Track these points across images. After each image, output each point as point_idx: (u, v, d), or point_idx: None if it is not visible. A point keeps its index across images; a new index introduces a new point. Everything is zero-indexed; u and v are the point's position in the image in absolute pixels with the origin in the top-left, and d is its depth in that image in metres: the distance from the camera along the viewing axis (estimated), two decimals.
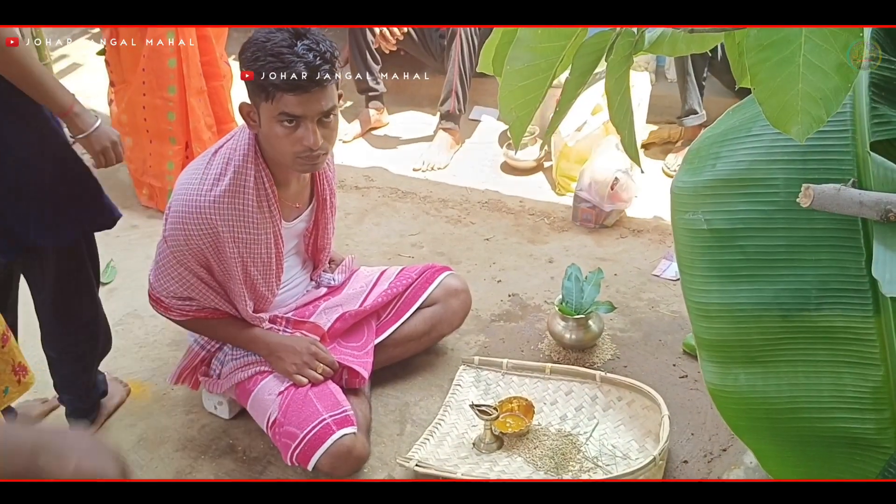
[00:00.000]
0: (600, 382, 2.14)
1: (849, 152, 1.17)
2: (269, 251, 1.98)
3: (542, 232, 2.98)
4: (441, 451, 2.03)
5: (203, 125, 2.92)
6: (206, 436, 2.14)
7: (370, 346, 2.17)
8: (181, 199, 1.88)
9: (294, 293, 2.20)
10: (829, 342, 1.22)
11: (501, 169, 3.41)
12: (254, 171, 1.89)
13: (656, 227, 2.96)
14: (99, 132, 1.83)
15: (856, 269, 1.18)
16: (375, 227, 3.04)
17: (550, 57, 0.90)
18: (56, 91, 1.74)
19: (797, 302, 1.22)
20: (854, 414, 1.24)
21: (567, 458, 1.98)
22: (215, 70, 2.93)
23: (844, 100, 0.84)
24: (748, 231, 1.25)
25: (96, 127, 1.82)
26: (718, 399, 1.34)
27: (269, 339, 2.05)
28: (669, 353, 2.35)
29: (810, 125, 0.84)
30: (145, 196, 3.13)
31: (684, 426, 2.09)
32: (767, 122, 1.10)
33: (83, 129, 1.80)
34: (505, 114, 0.97)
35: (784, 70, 0.82)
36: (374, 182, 3.34)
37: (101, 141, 1.84)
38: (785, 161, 1.21)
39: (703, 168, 1.29)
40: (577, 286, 2.31)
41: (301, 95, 1.74)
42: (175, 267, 1.92)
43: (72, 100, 1.77)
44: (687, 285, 1.33)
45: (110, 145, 1.86)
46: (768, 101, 0.84)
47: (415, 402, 2.22)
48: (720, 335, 1.30)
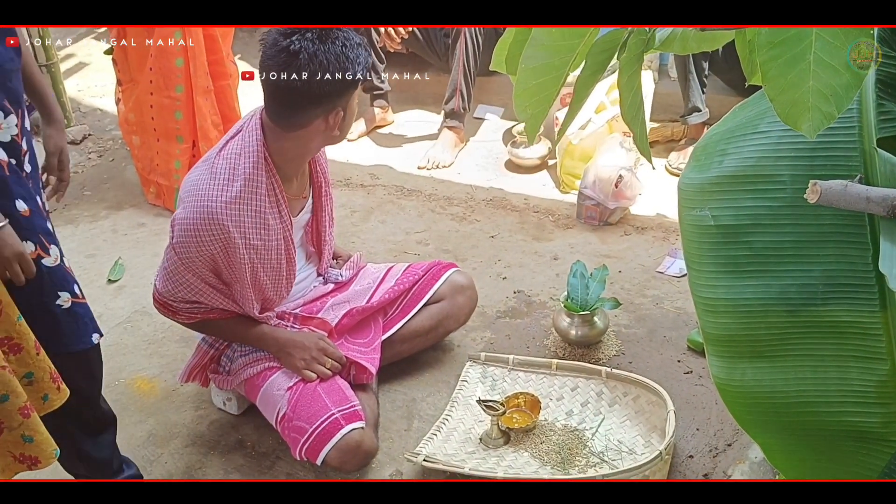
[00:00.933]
0: (606, 378, 2.16)
1: (855, 148, 1.18)
2: (279, 256, 1.98)
3: (546, 229, 2.99)
4: (448, 446, 2.04)
5: (210, 124, 2.94)
6: (216, 432, 2.16)
7: (377, 342, 2.18)
8: (191, 205, 1.86)
9: (301, 287, 2.21)
10: (836, 337, 1.23)
11: (506, 167, 3.42)
12: (265, 176, 1.89)
13: (660, 225, 2.97)
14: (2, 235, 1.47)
15: (862, 265, 1.19)
16: (381, 224, 3.06)
17: (564, 55, 0.91)
18: None
19: (804, 297, 1.23)
20: (860, 408, 1.25)
21: (573, 453, 1.99)
22: (222, 69, 2.94)
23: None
24: (755, 227, 1.26)
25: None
26: (725, 393, 1.35)
27: (277, 335, 2.07)
28: (674, 349, 2.37)
29: (821, 121, 0.85)
30: (152, 194, 3.14)
31: (689, 421, 2.10)
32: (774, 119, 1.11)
33: None
34: (520, 111, 0.98)
35: (795, 67, 0.83)
36: (380, 180, 3.35)
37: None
38: (792, 157, 1.22)
39: (710, 165, 1.30)
40: (583, 283, 2.33)
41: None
42: (183, 273, 1.92)
43: None
44: (694, 281, 1.34)
45: (12, 255, 1.49)
46: (779, 97, 0.85)
47: (422, 398, 2.24)
48: (727, 330, 1.31)
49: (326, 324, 2.14)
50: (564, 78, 0.95)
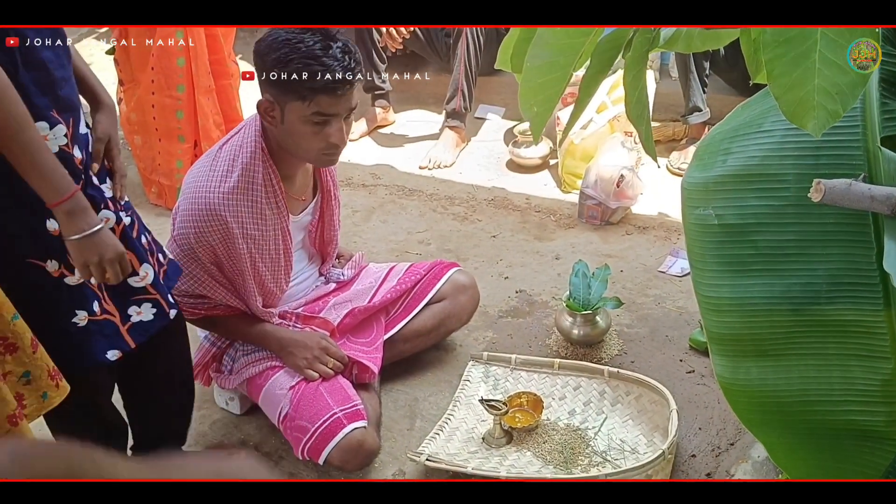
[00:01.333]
0: (608, 378, 2.16)
1: (859, 147, 1.18)
2: (277, 247, 2.00)
3: (548, 229, 2.99)
4: (451, 445, 2.04)
5: (212, 123, 2.94)
6: (218, 431, 2.16)
7: (380, 342, 2.18)
8: (190, 197, 1.90)
9: (302, 287, 2.21)
10: (840, 336, 1.23)
11: (507, 166, 3.42)
12: (262, 167, 1.91)
13: (661, 224, 2.97)
14: (95, 239, 1.47)
15: (866, 264, 1.19)
16: (383, 224, 3.06)
17: (569, 54, 0.91)
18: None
19: (808, 296, 1.23)
20: (864, 407, 1.25)
21: (576, 452, 1.99)
22: (223, 69, 2.95)
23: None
24: (759, 226, 1.26)
25: (93, 231, 1.47)
26: (729, 392, 1.35)
27: (279, 334, 2.07)
28: (676, 349, 2.37)
29: (826, 120, 0.85)
30: (154, 194, 3.14)
31: (692, 421, 2.10)
32: (778, 118, 1.11)
33: (72, 230, 1.46)
34: (525, 110, 0.98)
35: (800, 65, 0.83)
36: (381, 180, 3.35)
37: (90, 251, 1.48)
38: (796, 156, 1.22)
39: (714, 164, 1.30)
40: (585, 282, 2.33)
41: (336, 96, 1.79)
42: (186, 265, 1.93)
43: (66, 189, 1.43)
44: (698, 280, 1.34)
45: (100, 259, 1.49)
46: (784, 96, 0.85)
47: (424, 398, 2.24)
48: (731, 329, 1.31)
49: (328, 323, 2.14)
50: (569, 76, 0.95)
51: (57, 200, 1.42)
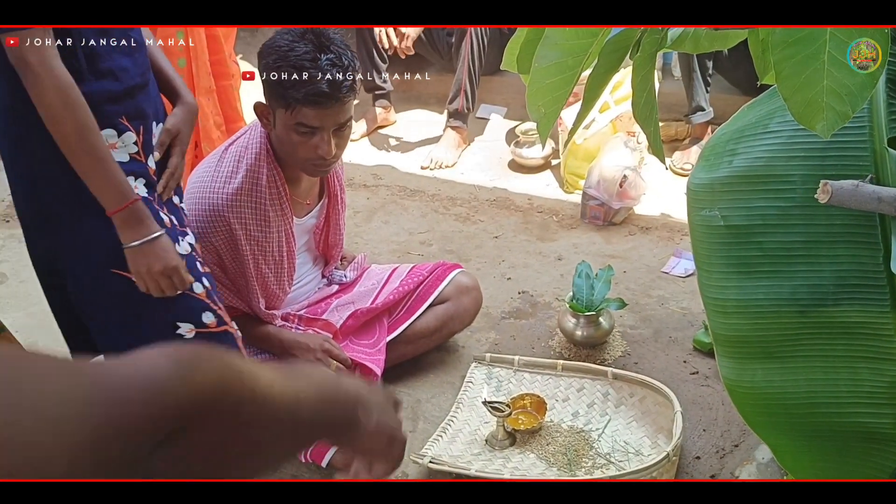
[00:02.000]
0: (612, 379, 2.15)
1: (866, 148, 1.17)
2: (280, 249, 2.00)
3: (550, 229, 2.99)
4: (454, 447, 2.03)
5: (212, 124, 2.93)
6: None
7: (382, 344, 2.18)
8: (194, 197, 1.90)
9: (306, 290, 2.21)
10: (847, 338, 1.23)
11: (509, 167, 3.42)
12: (266, 169, 1.90)
13: (665, 225, 2.96)
14: (154, 247, 1.47)
15: (873, 265, 1.18)
16: (384, 225, 3.05)
17: (577, 55, 0.91)
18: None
19: (814, 298, 1.22)
20: (871, 409, 1.25)
21: (580, 454, 1.98)
22: (224, 69, 2.93)
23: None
24: (765, 227, 1.25)
25: (144, 241, 1.47)
26: (735, 394, 1.35)
27: (282, 336, 2.06)
28: (680, 350, 2.36)
29: (835, 121, 0.85)
30: None
31: (696, 422, 2.10)
32: (785, 118, 1.10)
33: (127, 238, 1.46)
34: (532, 111, 0.97)
35: (809, 66, 0.82)
36: (383, 180, 3.35)
37: (141, 261, 1.48)
38: (803, 157, 1.21)
39: (720, 164, 1.30)
40: (588, 283, 2.32)
41: (320, 109, 1.76)
42: None
43: (125, 198, 1.44)
44: (704, 281, 1.34)
45: (148, 269, 1.48)
46: (793, 97, 0.85)
47: (427, 399, 2.23)
48: (737, 331, 1.30)
49: (331, 325, 2.14)
50: (577, 77, 0.94)
51: (115, 209, 1.43)
